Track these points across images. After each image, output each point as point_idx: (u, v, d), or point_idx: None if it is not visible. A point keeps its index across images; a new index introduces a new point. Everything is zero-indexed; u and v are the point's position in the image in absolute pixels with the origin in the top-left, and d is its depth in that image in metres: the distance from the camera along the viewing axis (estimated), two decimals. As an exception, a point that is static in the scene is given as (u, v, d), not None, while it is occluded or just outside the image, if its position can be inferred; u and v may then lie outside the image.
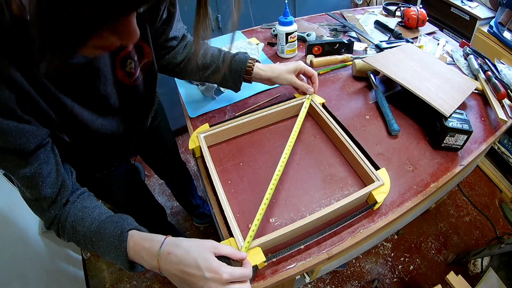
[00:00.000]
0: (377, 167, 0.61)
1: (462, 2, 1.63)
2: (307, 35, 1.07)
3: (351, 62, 0.94)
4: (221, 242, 0.51)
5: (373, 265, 1.37)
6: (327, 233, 0.55)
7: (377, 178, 0.57)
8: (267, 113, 0.73)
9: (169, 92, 1.26)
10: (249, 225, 0.56)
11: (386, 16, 1.27)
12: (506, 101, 0.80)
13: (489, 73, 0.86)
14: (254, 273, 0.49)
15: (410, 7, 1.16)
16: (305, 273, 0.68)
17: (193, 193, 1.37)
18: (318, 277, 1.30)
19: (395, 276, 1.34)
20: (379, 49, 1.00)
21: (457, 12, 1.66)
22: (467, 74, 0.92)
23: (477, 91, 0.86)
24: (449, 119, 0.67)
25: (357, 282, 1.32)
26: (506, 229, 1.45)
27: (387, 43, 1.01)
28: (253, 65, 0.71)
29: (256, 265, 0.49)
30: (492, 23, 1.45)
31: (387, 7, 1.28)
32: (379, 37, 1.12)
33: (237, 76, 0.71)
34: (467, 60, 0.97)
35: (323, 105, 0.76)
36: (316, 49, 0.98)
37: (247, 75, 0.71)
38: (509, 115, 0.77)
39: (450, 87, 0.76)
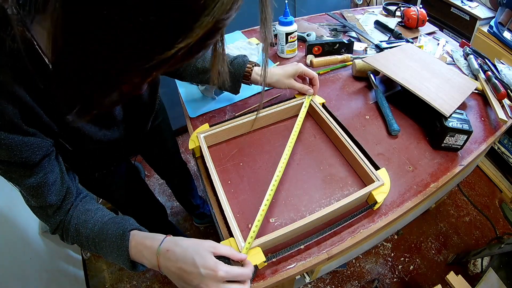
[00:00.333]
0: (377, 167, 0.61)
1: (462, 2, 1.63)
2: (307, 35, 1.07)
3: (351, 62, 0.94)
4: (221, 242, 0.51)
5: (373, 265, 1.37)
6: (327, 233, 0.55)
7: (377, 178, 0.57)
8: (267, 113, 0.73)
9: (169, 92, 1.26)
10: (249, 225, 0.56)
11: (386, 16, 1.27)
12: (506, 101, 0.80)
13: (489, 73, 0.86)
14: (254, 273, 0.49)
15: (410, 7, 1.16)
16: (305, 273, 0.68)
17: (193, 193, 1.36)
18: (318, 277, 1.30)
19: (395, 276, 1.34)
20: (379, 49, 1.00)
21: (457, 12, 1.66)
22: (467, 74, 0.92)
23: (477, 91, 0.86)
24: (449, 119, 0.67)
25: (357, 282, 1.32)
26: (506, 229, 1.45)
27: (387, 43, 1.01)
28: (251, 70, 0.71)
29: (256, 265, 0.49)
30: (492, 23, 1.45)
31: (387, 7, 1.28)
32: (379, 37, 1.12)
33: (235, 80, 0.71)
34: (467, 60, 0.97)
35: (323, 105, 0.76)
36: (316, 49, 0.98)
37: (246, 79, 0.72)
38: (509, 115, 0.77)
39: (450, 87, 0.76)
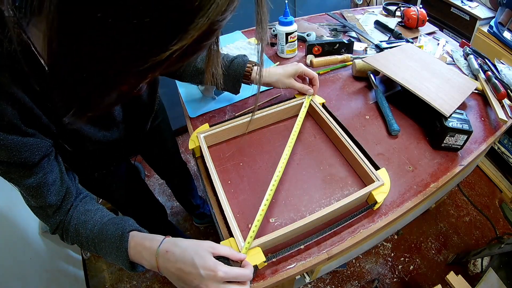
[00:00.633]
0: (377, 167, 0.61)
1: (462, 2, 1.63)
2: (307, 35, 1.07)
3: (351, 62, 0.94)
4: (221, 242, 0.51)
5: (373, 265, 1.37)
6: (327, 233, 0.55)
7: (377, 178, 0.57)
8: (267, 113, 0.73)
9: (169, 92, 1.26)
10: (249, 225, 0.56)
11: (386, 16, 1.27)
12: (506, 101, 0.80)
13: (489, 73, 0.86)
14: (254, 273, 0.49)
15: (410, 7, 1.16)
16: (305, 273, 0.68)
17: (193, 193, 1.36)
18: (318, 277, 1.30)
19: (395, 276, 1.34)
20: (379, 49, 1.00)
21: (457, 12, 1.66)
22: (467, 74, 0.92)
23: (477, 91, 0.86)
24: (449, 119, 0.67)
25: (357, 282, 1.32)
26: (506, 229, 1.45)
27: (387, 43, 1.01)
28: (251, 69, 0.71)
29: (256, 265, 0.49)
30: (492, 23, 1.45)
31: (387, 7, 1.28)
32: (379, 37, 1.12)
33: (235, 80, 0.71)
34: (467, 60, 0.97)
35: (323, 105, 0.76)
36: (316, 49, 0.98)
37: (246, 79, 0.72)
38: (509, 115, 0.77)
39: (450, 87, 0.76)
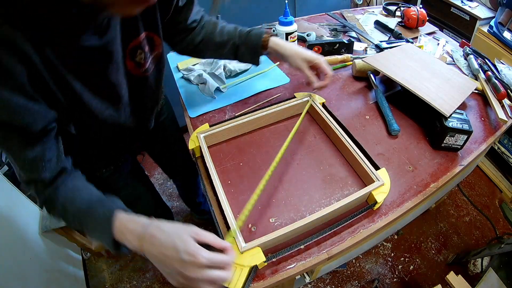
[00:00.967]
0: (377, 167, 0.61)
1: (462, 2, 1.63)
2: (307, 35, 1.07)
3: (351, 62, 0.94)
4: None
5: (373, 265, 1.37)
6: (327, 233, 0.55)
7: (377, 178, 0.57)
8: (267, 113, 0.73)
9: (169, 92, 1.25)
10: (249, 225, 0.56)
11: (386, 16, 1.27)
12: (506, 101, 0.80)
13: (489, 73, 0.86)
14: (254, 273, 0.49)
15: (410, 7, 1.16)
16: (305, 273, 0.68)
17: (198, 191, 1.38)
18: (318, 277, 1.30)
19: (395, 276, 1.34)
20: (379, 49, 1.00)
21: (457, 12, 1.66)
22: (467, 74, 0.92)
23: (477, 91, 0.86)
24: (449, 119, 0.67)
25: (357, 282, 1.32)
26: (506, 229, 1.45)
27: (387, 43, 1.02)
28: (267, 40, 0.71)
29: (256, 265, 0.49)
30: (492, 23, 1.45)
31: (387, 7, 1.28)
32: (379, 37, 1.12)
33: (253, 51, 0.72)
34: (467, 60, 0.97)
35: (323, 105, 0.76)
36: (316, 49, 0.98)
37: (263, 49, 0.72)
38: (509, 115, 0.77)
39: (450, 87, 0.76)
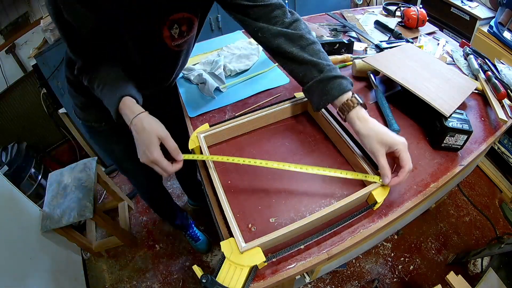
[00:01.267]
0: (377, 167, 0.61)
1: (462, 2, 1.64)
2: (307, 35, 1.07)
3: (351, 62, 0.94)
4: (221, 242, 0.51)
5: (373, 265, 1.38)
6: (327, 233, 0.55)
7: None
8: (267, 113, 0.73)
9: (169, 92, 1.26)
10: (249, 225, 0.56)
11: (386, 16, 1.27)
12: (506, 101, 0.80)
13: (489, 73, 0.86)
14: (254, 273, 0.49)
15: (410, 7, 1.16)
16: (305, 273, 0.68)
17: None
18: (318, 277, 1.30)
19: (395, 276, 1.34)
20: (379, 49, 1.00)
21: (457, 12, 1.66)
22: (467, 74, 0.92)
23: (477, 91, 0.86)
24: (449, 119, 0.67)
25: (357, 282, 1.32)
26: (506, 229, 1.45)
27: (387, 43, 1.01)
28: (352, 104, 0.57)
29: (256, 265, 0.49)
30: (492, 23, 1.45)
31: (387, 7, 1.28)
32: (379, 37, 1.12)
33: (323, 100, 0.61)
34: (467, 60, 0.97)
35: (323, 105, 0.75)
36: (316, 49, 0.98)
37: (340, 111, 0.60)
38: (509, 115, 0.77)
39: (450, 87, 0.76)
